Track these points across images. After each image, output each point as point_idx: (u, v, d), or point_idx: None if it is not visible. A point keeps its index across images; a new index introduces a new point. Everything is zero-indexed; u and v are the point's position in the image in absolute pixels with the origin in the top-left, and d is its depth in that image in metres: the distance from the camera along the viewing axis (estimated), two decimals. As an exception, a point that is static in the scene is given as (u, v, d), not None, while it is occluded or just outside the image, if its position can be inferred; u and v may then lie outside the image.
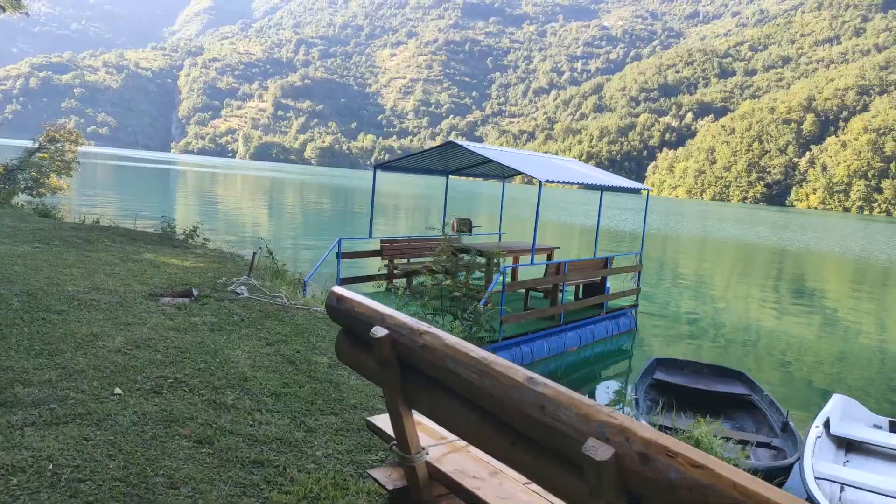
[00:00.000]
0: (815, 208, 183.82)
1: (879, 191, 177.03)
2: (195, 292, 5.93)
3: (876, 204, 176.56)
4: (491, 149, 9.48)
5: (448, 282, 7.00)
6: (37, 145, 24.05)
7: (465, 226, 11.33)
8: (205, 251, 8.83)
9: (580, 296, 10.03)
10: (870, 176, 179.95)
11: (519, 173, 9.99)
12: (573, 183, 8.94)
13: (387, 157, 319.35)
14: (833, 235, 50.14)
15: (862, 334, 13.01)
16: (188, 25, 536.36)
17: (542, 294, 9.46)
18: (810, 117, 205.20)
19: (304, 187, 69.76)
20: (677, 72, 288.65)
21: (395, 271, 9.89)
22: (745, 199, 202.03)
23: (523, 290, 9.10)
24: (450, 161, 10.74)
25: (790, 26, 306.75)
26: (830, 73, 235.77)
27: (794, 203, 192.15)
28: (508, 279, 9.32)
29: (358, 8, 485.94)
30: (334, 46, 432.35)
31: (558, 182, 8.36)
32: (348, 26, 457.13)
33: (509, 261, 10.07)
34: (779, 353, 10.87)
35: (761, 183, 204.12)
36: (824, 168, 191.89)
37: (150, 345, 4.40)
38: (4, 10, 18.01)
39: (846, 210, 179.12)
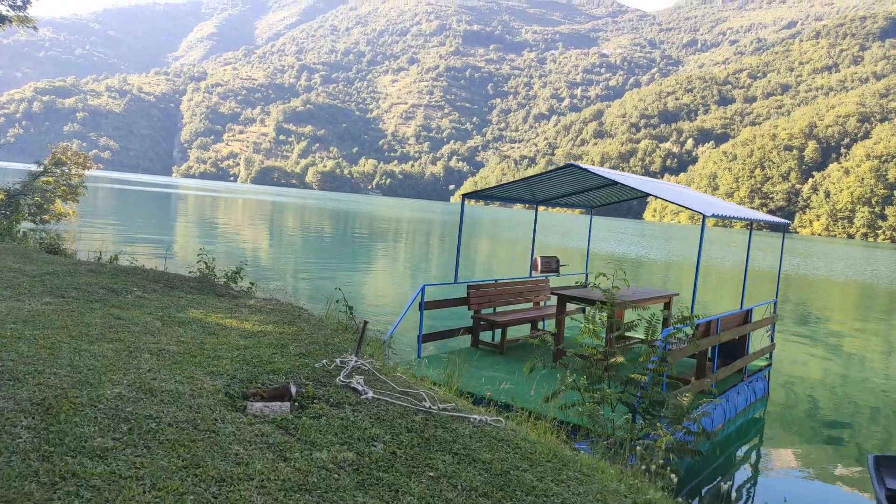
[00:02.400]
0: (819, 235, 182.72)
1: (883, 217, 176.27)
2: (293, 390, 4.07)
3: (881, 231, 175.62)
4: (621, 174, 7.74)
5: (618, 357, 5.05)
6: (41, 168, 22.26)
7: (552, 265, 9.54)
8: (260, 303, 6.84)
9: (711, 356, 8.12)
10: (873, 202, 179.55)
11: (640, 197, 8.09)
12: (738, 218, 7.15)
13: (388, 181, 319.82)
14: (878, 265, 48.37)
15: None
16: (191, 51, 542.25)
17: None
18: (812, 144, 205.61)
19: (319, 213, 67.23)
20: (677, 98, 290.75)
21: (481, 323, 8.11)
22: (746, 226, 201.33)
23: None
24: (548, 189, 8.94)
25: (788, 54, 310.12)
26: (831, 101, 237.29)
27: (798, 229, 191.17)
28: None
29: (360, 35, 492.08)
30: (336, 72, 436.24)
31: (726, 217, 6.58)
32: (350, 52, 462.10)
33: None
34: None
35: (764, 209, 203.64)
36: (827, 194, 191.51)
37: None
38: (11, 21, 16.59)
39: (850, 237, 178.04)
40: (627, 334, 8.78)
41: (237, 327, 5.78)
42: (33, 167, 22.08)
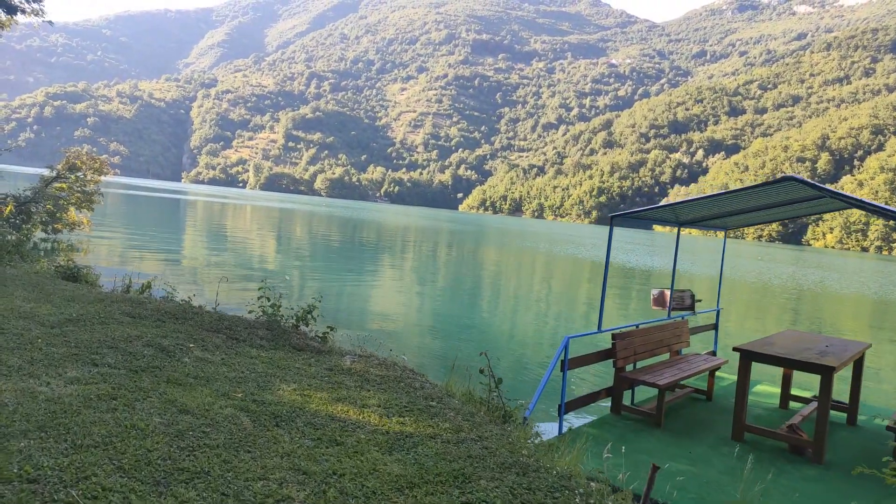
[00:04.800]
0: (832, 247, 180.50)
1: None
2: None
3: (895, 244, 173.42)
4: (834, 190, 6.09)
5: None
6: (54, 173, 21.01)
7: (686, 301, 7.97)
8: (359, 363, 5.29)
9: None
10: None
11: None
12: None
13: (396, 189, 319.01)
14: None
15: None
16: (202, 58, 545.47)
17: None
18: (825, 156, 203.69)
19: (347, 222, 62.74)
20: (687, 109, 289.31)
21: (625, 383, 6.53)
22: (759, 237, 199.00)
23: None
24: (730, 204, 7.20)
25: (799, 66, 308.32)
26: (843, 112, 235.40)
27: (811, 242, 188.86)
28: None
29: (369, 43, 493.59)
30: (345, 80, 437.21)
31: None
32: (359, 61, 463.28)
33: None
34: None
35: (777, 222, 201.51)
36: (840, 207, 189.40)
37: None
38: (24, 12, 15.50)
39: (864, 250, 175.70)
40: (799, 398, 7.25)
41: (361, 423, 4.04)
42: (45, 172, 20.85)
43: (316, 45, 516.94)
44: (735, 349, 5.93)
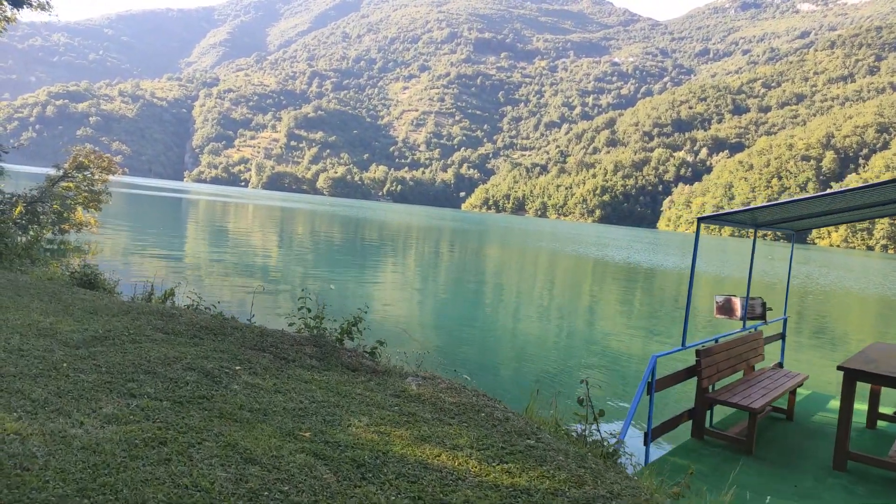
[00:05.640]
0: (838, 246, 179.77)
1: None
2: None
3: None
4: None
5: None
6: (61, 172, 20.46)
7: (757, 309, 7.31)
8: (425, 387, 4.66)
9: None
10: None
11: None
12: None
13: (399, 188, 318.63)
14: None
15: None
16: (204, 57, 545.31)
17: None
18: (830, 154, 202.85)
19: (351, 222, 60.86)
20: (690, 107, 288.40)
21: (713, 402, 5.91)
22: (764, 235, 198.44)
23: None
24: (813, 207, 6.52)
25: (803, 64, 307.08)
26: (848, 111, 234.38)
27: (816, 241, 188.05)
28: None
29: (371, 42, 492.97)
30: (347, 79, 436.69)
31: None
32: (361, 59, 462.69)
33: None
34: None
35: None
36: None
37: None
38: (31, 6, 15.00)
39: (870, 248, 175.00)
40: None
41: (460, 472, 3.36)
42: (51, 171, 20.29)
43: (318, 43, 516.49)
44: (840, 368, 5.31)
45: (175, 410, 3.60)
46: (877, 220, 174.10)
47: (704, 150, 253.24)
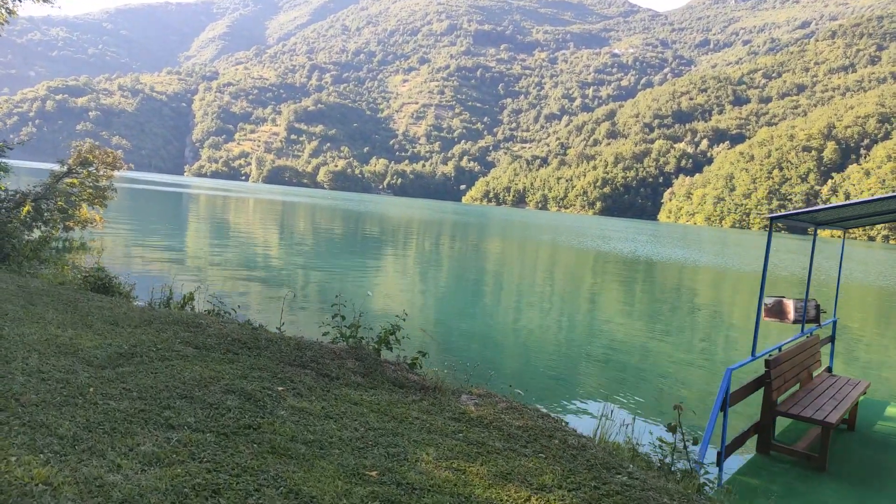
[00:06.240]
0: (838, 237, 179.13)
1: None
2: None
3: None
4: None
5: None
6: (65, 169, 20.09)
7: (812, 313, 6.97)
8: (484, 408, 4.29)
9: None
10: None
11: None
12: None
13: (399, 181, 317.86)
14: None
15: None
16: (203, 51, 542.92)
17: None
18: (831, 145, 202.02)
19: (356, 216, 59.21)
20: (691, 98, 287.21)
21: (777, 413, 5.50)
22: (764, 227, 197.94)
23: None
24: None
25: (804, 54, 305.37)
26: (849, 101, 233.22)
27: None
28: None
29: (371, 35, 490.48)
30: (347, 72, 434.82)
31: None
32: (361, 52, 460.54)
33: None
34: None
35: (782, 210, 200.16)
36: (847, 196, 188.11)
37: None
38: None
39: (871, 239, 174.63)
40: None
41: None
42: (55, 167, 19.91)
43: (317, 36, 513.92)
44: None
45: (222, 446, 3.17)
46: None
47: (705, 142, 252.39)
